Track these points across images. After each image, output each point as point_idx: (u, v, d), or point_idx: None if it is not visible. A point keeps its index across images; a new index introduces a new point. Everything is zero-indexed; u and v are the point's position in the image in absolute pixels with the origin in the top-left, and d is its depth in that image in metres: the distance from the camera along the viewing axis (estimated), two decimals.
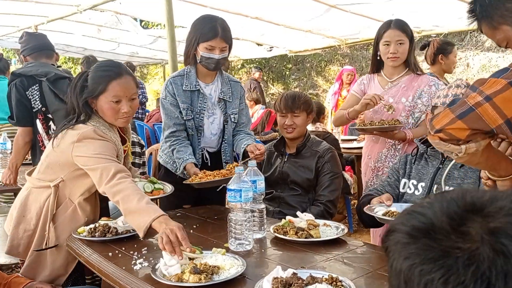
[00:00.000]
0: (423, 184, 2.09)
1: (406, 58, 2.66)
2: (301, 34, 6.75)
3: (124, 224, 1.95)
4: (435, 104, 2.08)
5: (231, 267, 1.52)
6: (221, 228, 1.98)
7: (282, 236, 1.85)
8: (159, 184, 2.26)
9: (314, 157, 2.63)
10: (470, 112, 1.23)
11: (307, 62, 12.38)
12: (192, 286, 1.40)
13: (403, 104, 2.65)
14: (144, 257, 1.68)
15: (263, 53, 8.83)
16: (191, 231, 2.02)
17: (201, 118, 2.50)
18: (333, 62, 12.03)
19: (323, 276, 1.37)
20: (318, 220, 1.98)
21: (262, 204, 1.95)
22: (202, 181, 2.21)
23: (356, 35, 6.78)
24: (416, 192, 2.11)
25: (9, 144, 3.43)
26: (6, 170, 2.97)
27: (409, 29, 2.66)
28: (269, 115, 6.52)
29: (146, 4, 5.98)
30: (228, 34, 2.41)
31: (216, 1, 5.48)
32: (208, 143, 2.56)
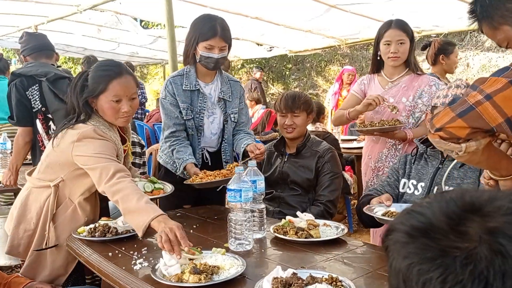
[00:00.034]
0: (423, 184, 2.09)
1: (407, 58, 2.66)
2: (301, 34, 6.75)
3: (124, 224, 1.95)
4: (435, 104, 2.08)
5: (231, 267, 1.52)
6: (221, 228, 1.98)
7: (282, 236, 1.85)
8: (159, 184, 2.26)
9: (314, 157, 2.63)
10: (471, 111, 1.23)
11: (307, 62, 12.39)
12: (192, 286, 1.40)
13: (404, 104, 2.65)
14: (144, 257, 1.68)
15: (263, 53, 8.83)
16: (191, 231, 2.02)
17: (201, 118, 2.50)
18: (333, 62, 12.04)
19: (323, 276, 1.37)
20: (318, 220, 1.98)
21: (262, 204, 1.95)
22: (203, 182, 2.21)
23: (356, 35, 6.78)
24: (416, 192, 2.11)
25: (9, 144, 3.43)
26: (7, 171, 2.97)
27: (410, 29, 2.66)
28: (269, 115, 6.52)
29: (146, 4, 5.98)
30: (228, 34, 2.41)
31: (216, 1, 5.48)
32: (208, 143, 2.56)
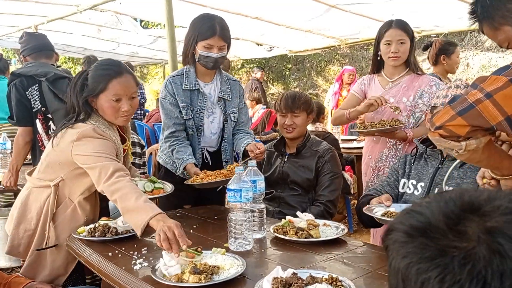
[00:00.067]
0: (423, 184, 2.09)
1: (407, 58, 2.66)
2: (301, 34, 6.75)
3: (124, 224, 1.95)
4: (435, 105, 2.08)
5: (231, 267, 1.52)
6: (221, 228, 1.98)
7: (282, 236, 1.85)
8: (159, 184, 2.26)
9: (314, 157, 2.63)
10: (471, 109, 1.23)
11: (307, 62, 12.39)
12: (192, 286, 1.40)
13: (404, 104, 2.65)
14: (144, 257, 1.68)
15: (263, 53, 8.83)
16: (191, 231, 2.02)
17: (201, 118, 2.50)
18: (333, 62, 12.04)
19: (323, 276, 1.37)
20: (318, 220, 1.98)
21: (262, 204, 1.95)
22: (204, 182, 2.21)
23: (356, 35, 6.78)
24: (416, 192, 2.11)
25: (9, 144, 3.43)
26: (7, 172, 2.97)
27: (410, 29, 2.66)
28: (270, 115, 6.52)
29: (146, 4, 5.98)
30: (227, 33, 2.41)
31: (216, 1, 5.48)
32: (208, 143, 2.56)
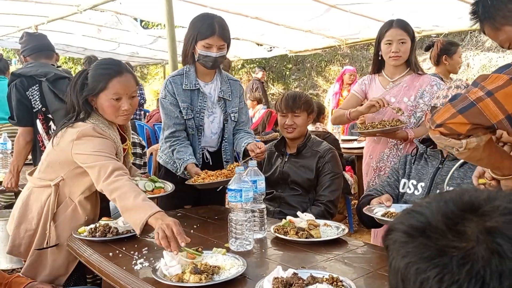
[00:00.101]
0: (423, 184, 2.09)
1: (408, 58, 2.66)
2: (301, 34, 6.75)
3: (125, 224, 1.95)
4: (435, 105, 2.08)
5: (232, 267, 1.52)
6: (222, 228, 1.98)
7: (283, 236, 1.85)
8: (160, 183, 2.26)
9: (315, 157, 2.63)
10: (471, 107, 1.23)
11: (307, 62, 12.38)
12: (193, 286, 1.40)
13: (405, 104, 2.65)
14: (145, 257, 1.68)
15: (263, 53, 8.83)
16: (192, 231, 2.02)
17: (201, 118, 2.50)
18: (333, 62, 12.03)
19: (324, 276, 1.37)
20: (319, 220, 1.98)
21: (263, 204, 1.95)
22: (205, 182, 2.21)
23: (356, 35, 6.78)
24: (416, 192, 2.11)
25: (9, 144, 3.43)
26: (8, 174, 2.97)
27: (411, 29, 2.66)
28: (270, 116, 6.52)
29: (146, 4, 5.97)
30: (226, 32, 2.41)
31: (216, 1, 5.48)
32: (209, 142, 2.56)
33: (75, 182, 2.04)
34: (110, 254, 1.75)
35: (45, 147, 2.41)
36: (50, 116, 2.98)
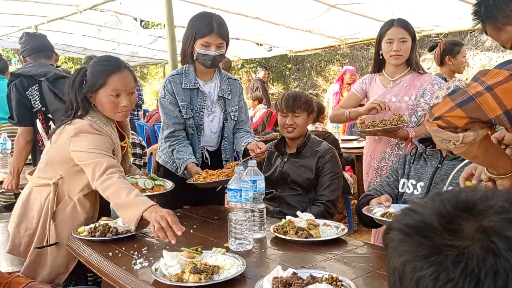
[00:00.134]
0: (422, 184, 2.09)
1: (408, 57, 2.66)
2: (301, 34, 6.75)
3: (124, 224, 1.95)
4: (434, 105, 2.08)
5: (231, 267, 1.52)
6: (221, 228, 1.98)
7: (282, 236, 1.86)
8: (160, 181, 2.26)
9: (315, 157, 2.63)
10: (470, 101, 1.23)
11: (307, 62, 12.38)
12: (192, 286, 1.40)
13: (406, 103, 2.65)
14: (144, 257, 1.68)
15: (263, 53, 8.83)
16: (191, 231, 2.02)
17: (201, 117, 2.50)
18: (333, 62, 12.03)
19: (323, 276, 1.37)
20: (318, 220, 1.98)
21: (262, 204, 1.95)
22: (206, 181, 2.21)
23: (356, 35, 6.78)
24: (415, 192, 2.11)
25: (9, 144, 3.43)
26: (8, 175, 2.97)
27: (412, 28, 2.66)
28: (270, 116, 6.53)
29: (146, 4, 5.97)
30: (224, 31, 2.40)
31: (216, 1, 5.48)
32: (208, 142, 2.56)
33: (74, 180, 2.04)
34: (110, 254, 1.75)
35: (45, 147, 2.42)
36: (50, 116, 2.98)
